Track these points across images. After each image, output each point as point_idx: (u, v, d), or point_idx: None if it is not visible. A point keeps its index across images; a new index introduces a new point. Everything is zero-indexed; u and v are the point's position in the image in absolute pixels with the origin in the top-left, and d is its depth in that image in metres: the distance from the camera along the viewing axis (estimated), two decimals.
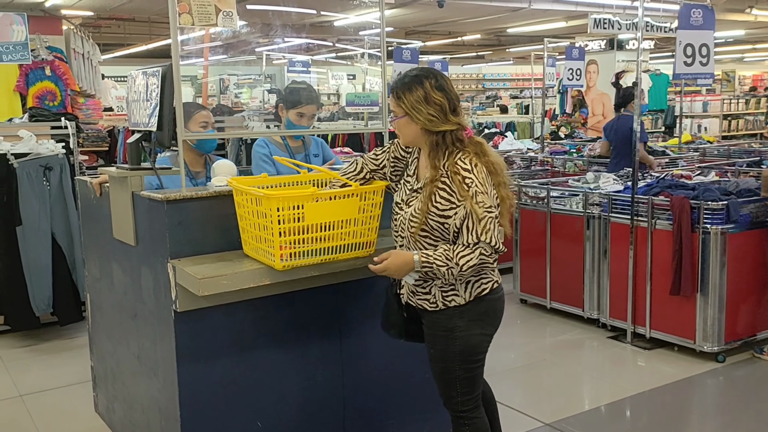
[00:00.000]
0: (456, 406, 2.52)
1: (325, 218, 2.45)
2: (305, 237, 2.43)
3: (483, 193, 2.28)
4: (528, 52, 16.97)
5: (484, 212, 2.27)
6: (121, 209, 2.96)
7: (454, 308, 2.41)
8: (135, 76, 3.02)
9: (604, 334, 4.89)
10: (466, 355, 2.45)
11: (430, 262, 2.28)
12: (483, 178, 2.30)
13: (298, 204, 2.38)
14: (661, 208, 4.50)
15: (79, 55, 8.26)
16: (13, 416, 3.79)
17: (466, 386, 2.49)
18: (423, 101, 2.32)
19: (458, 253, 2.27)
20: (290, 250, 2.42)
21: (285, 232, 2.38)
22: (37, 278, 4.67)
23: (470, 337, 2.43)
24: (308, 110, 3.53)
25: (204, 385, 2.72)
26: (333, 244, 2.51)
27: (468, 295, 2.40)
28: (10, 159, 4.60)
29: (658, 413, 3.82)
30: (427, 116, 2.32)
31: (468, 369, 2.47)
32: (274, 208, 2.34)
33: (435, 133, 2.34)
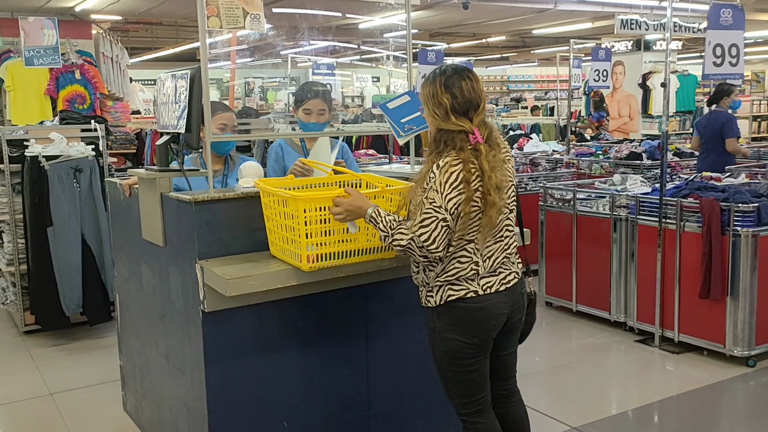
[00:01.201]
0: (456, 408, 2.53)
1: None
2: (331, 239, 2.44)
3: (437, 192, 2.25)
4: (553, 54, 16.86)
5: (429, 208, 2.25)
6: (150, 210, 3.00)
7: (432, 308, 2.44)
8: (164, 78, 3.05)
9: (631, 338, 4.83)
10: (450, 358, 2.44)
11: (377, 221, 2.33)
12: (447, 179, 2.24)
13: (324, 205, 2.40)
14: (690, 210, 4.44)
15: (108, 58, 8.39)
16: (44, 414, 3.85)
17: (460, 389, 2.47)
18: (431, 98, 2.36)
19: (399, 229, 2.30)
20: (317, 251, 2.43)
21: (311, 234, 2.40)
22: (68, 279, 4.75)
23: (448, 341, 2.42)
24: (313, 106, 3.46)
25: (231, 385, 2.74)
26: (359, 246, 2.52)
27: (439, 298, 2.41)
28: (42, 161, 4.68)
29: (687, 418, 3.77)
30: (430, 113, 2.37)
31: (457, 371, 2.45)
32: (300, 209, 2.36)
33: (442, 131, 2.36)
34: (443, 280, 2.38)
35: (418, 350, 3.17)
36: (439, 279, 2.39)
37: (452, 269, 2.36)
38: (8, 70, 7.46)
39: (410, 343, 3.15)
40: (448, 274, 2.37)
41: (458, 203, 2.25)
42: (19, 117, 7.42)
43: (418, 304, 3.10)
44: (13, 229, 4.94)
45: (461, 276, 2.36)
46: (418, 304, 3.10)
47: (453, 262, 2.36)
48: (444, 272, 2.38)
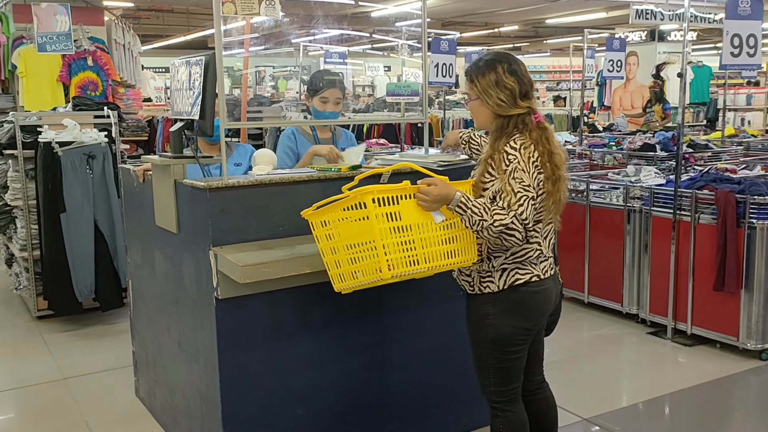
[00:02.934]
0: (489, 395, 2.51)
1: (423, 217, 2.28)
2: (406, 238, 2.22)
3: (523, 171, 2.27)
4: (566, 44, 16.73)
5: (520, 188, 2.26)
6: (164, 197, 3.00)
7: (487, 294, 2.41)
8: (178, 65, 3.05)
9: (643, 330, 4.81)
10: (498, 345, 2.42)
11: (468, 206, 2.26)
12: (528, 159, 2.28)
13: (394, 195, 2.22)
14: (705, 202, 4.40)
15: (120, 45, 8.38)
16: (57, 398, 3.88)
17: (499, 376, 2.47)
18: (494, 85, 2.35)
19: (495, 210, 2.26)
20: (395, 255, 2.20)
21: (384, 232, 2.19)
22: (80, 265, 4.77)
23: (501, 327, 2.41)
24: (331, 95, 3.48)
25: (244, 372, 2.75)
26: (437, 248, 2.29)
27: (502, 283, 2.39)
28: (55, 147, 4.69)
29: (699, 411, 3.75)
30: (496, 100, 2.36)
31: (500, 359, 2.44)
32: (369, 201, 2.18)
33: (504, 117, 2.36)
34: (511, 262, 2.38)
35: (433, 339, 3.17)
36: (506, 262, 2.38)
37: (522, 250, 2.37)
38: (21, 57, 7.47)
39: (425, 333, 3.15)
40: (517, 255, 2.37)
41: (540, 182, 2.30)
42: (32, 103, 7.43)
43: (433, 293, 3.11)
44: (27, 214, 4.96)
45: (530, 257, 2.38)
46: (433, 294, 3.11)
47: (522, 244, 2.36)
48: (513, 254, 2.38)
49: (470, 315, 2.48)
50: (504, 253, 2.38)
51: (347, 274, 2.36)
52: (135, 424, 3.54)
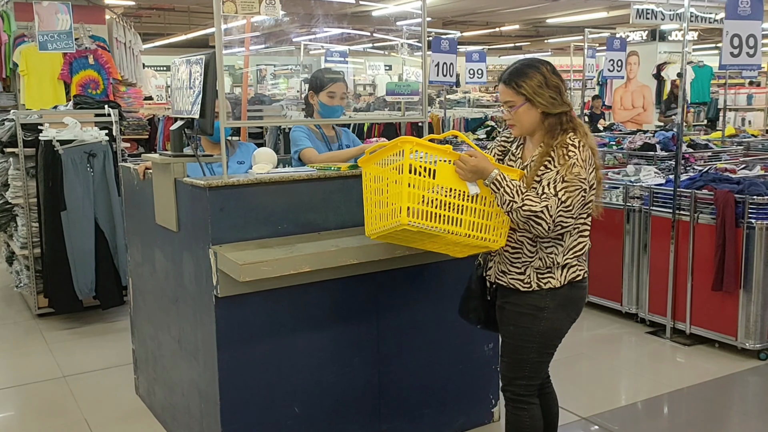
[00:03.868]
0: (517, 389, 2.54)
1: (457, 184, 2.33)
2: (433, 195, 2.30)
3: (581, 167, 2.32)
4: (567, 43, 16.71)
5: (575, 179, 2.30)
6: (164, 195, 3.01)
7: (548, 290, 2.44)
8: (178, 64, 3.06)
9: (642, 330, 4.82)
10: (546, 338, 2.48)
11: (502, 184, 2.31)
12: (586, 156, 2.35)
13: (434, 156, 2.30)
14: (704, 202, 4.41)
15: (121, 44, 8.39)
16: (57, 396, 3.89)
17: (533, 371, 2.52)
18: (544, 85, 2.39)
19: (528, 196, 2.31)
20: (417, 205, 2.26)
21: (414, 185, 2.25)
22: (81, 263, 4.78)
23: (556, 320, 2.46)
24: (338, 89, 3.53)
25: (243, 370, 2.76)
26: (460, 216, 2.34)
27: (563, 279, 2.43)
28: (56, 145, 4.70)
29: (697, 410, 3.76)
30: (548, 99, 2.39)
31: (542, 353, 2.51)
32: (407, 150, 2.25)
33: (553, 116, 2.40)
34: (572, 256, 2.43)
35: (430, 338, 3.18)
36: (568, 257, 2.42)
37: (578, 244, 2.44)
38: (22, 55, 7.48)
39: (422, 332, 3.16)
40: (575, 250, 2.43)
41: (593, 178, 2.37)
42: (33, 101, 7.44)
43: (430, 292, 3.12)
44: (27, 212, 4.97)
45: (584, 251, 2.45)
46: (430, 293, 3.12)
47: (578, 237, 2.43)
48: (571, 249, 2.43)
49: (522, 308, 2.48)
50: (561, 246, 2.41)
51: (373, 217, 2.43)
52: (135, 422, 3.55)
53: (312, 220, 2.85)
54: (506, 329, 2.56)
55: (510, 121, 2.47)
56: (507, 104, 2.44)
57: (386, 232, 2.38)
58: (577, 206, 2.33)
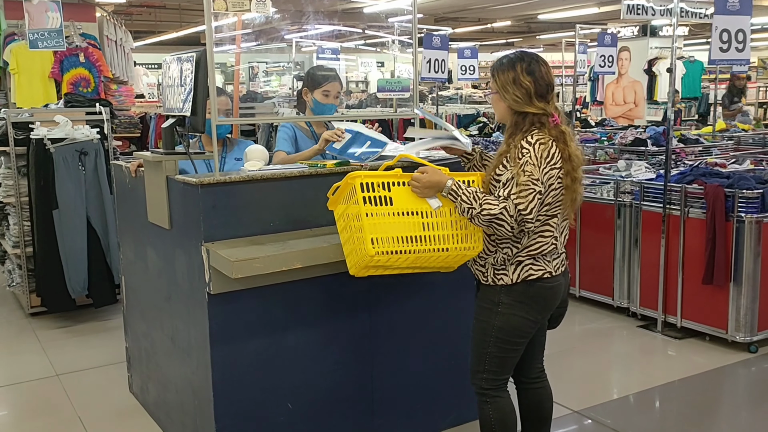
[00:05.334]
0: (480, 382, 2.56)
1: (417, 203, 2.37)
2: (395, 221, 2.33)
3: (533, 165, 2.32)
4: (558, 39, 16.74)
5: (527, 180, 2.31)
6: (156, 193, 3.02)
7: (501, 286, 2.47)
8: (169, 62, 3.05)
9: (633, 323, 4.85)
10: (504, 333, 2.49)
11: (458, 193, 2.35)
12: (541, 154, 2.34)
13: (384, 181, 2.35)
14: (694, 197, 4.44)
15: (112, 42, 8.35)
16: (50, 395, 3.89)
17: (494, 365, 2.53)
18: (512, 82, 2.42)
19: (486, 200, 2.33)
20: (380, 234, 2.30)
21: (371, 214, 2.31)
22: (73, 261, 4.77)
23: (511, 317, 2.47)
24: (332, 88, 3.53)
25: (236, 367, 2.77)
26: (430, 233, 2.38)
27: (516, 277, 2.45)
28: (47, 144, 4.69)
29: (688, 403, 3.79)
30: (513, 96, 2.42)
31: (501, 348, 2.51)
32: (357, 186, 2.31)
33: (518, 113, 2.43)
34: (525, 255, 2.43)
35: (422, 334, 3.20)
36: (520, 255, 2.43)
37: (536, 244, 2.43)
38: (13, 53, 7.45)
39: (414, 327, 3.17)
40: (530, 248, 2.43)
41: (551, 177, 2.35)
42: (24, 100, 7.41)
43: (421, 288, 3.13)
44: (19, 211, 4.96)
45: (543, 251, 2.43)
46: (422, 289, 3.14)
47: (536, 237, 2.43)
48: (527, 248, 2.43)
49: (481, 302, 2.54)
50: (516, 245, 2.43)
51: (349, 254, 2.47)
52: (128, 420, 3.56)
53: (303, 216, 2.86)
54: (473, 322, 2.61)
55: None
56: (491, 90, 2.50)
57: (363, 266, 2.41)
58: (535, 209, 2.32)
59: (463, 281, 2.98)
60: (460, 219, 2.41)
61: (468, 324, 3.28)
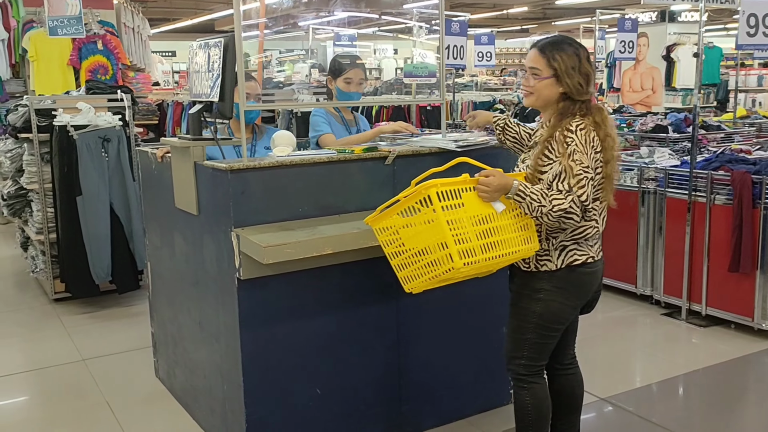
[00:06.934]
0: (517, 368, 2.55)
1: (483, 208, 2.31)
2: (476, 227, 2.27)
3: (581, 153, 2.30)
4: (574, 26, 16.58)
5: (580, 169, 2.30)
6: (183, 179, 3.02)
7: (544, 272, 2.45)
8: (196, 47, 3.05)
9: (657, 311, 4.83)
10: (544, 319, 2.48)
11: (526, 193, 2.31)
12: (586, 141, 2.32)
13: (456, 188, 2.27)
14: (720, 183, 4.39)
15: (129, 29, 8.37)
16: (78, 379, 3.92)
17: (533, 351, 2.52)
18: (577, 69, 2.38)
19: (552, 195, 2.31)
20: (464, 246, 2.23)
21: (452, 222, 2.23)
22: (97, 247, 4.80)
23: (552, 303, 2.46)
24: (354, 75, 3.55)
25: (266, 352, 2.78)
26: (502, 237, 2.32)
27: (560, 262, 2.43)
28: (70, 131, 4.71)
29: (713, 391, 3.77)
30: (576, 83, 2.38)
31: (540, 334, 2.50)
32: (434, 195, 2.21)
33: (570, 100, 2.39)
34: (570, 240, 2.42)
35: (449, 320, 3.19)
36: (565, 241, 2.42)
37: (578, 228, 2.42)
38: (31, 41, 7.47)
39: (440, 314, 3.17)
40: (575, 233, 2.42)
41: (596, 161, 2.34)
42: (43, 87, 7.44)
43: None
44: (42, 198, 4.99)
45: (586, 236, 2.42)
46: None
47: (582, 221, 2.41)
48: (572, 232, 2.42)
49: (521, 288, 2.52)
50: (563, 232, 2.42)
51: (417, 271, 2.37)
52: (155, 404, 3.58)
53: (332, 202, 2.85)
54: (510, 309, 2.60)
55: (528, 89, 2.45)
56: (532, 71, 2.42)
57: (436, 283, 2.35)
58: (591, 196, 2.34)
59: None
60: (519, 220, 2.36)
61: (495, 311, 3.29)
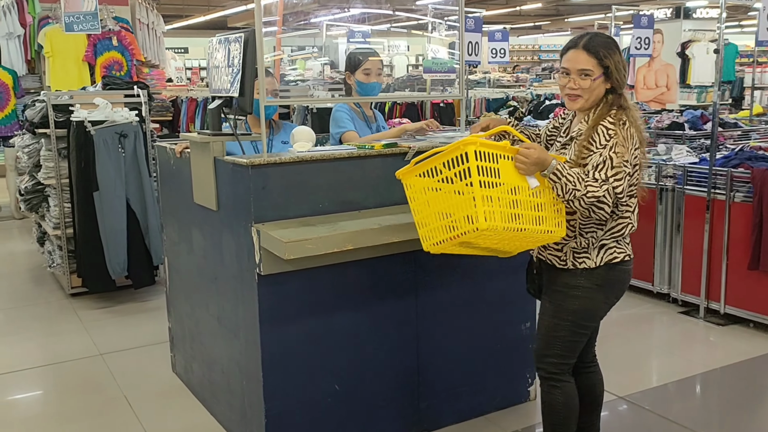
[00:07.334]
0: (547, 366, 2.52)
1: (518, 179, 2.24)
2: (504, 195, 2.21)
3: (622, 146, 2.28)
4: (587, 23, 16.52)
5: (620, 162, 2.27)
6: (203, 174, 3.02)
7: (582, 270, 2.42)
8: (215, 42, 3.05)
9: (674, 310, 4.79)
10: (578, 317, 2.45)
11: (563, 174, 2.25)
12: (628, 135, 2.31)
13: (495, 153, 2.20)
14: (740, 181, 4.35)
15: (143, 25, 8.39)
16: (95, 373, 3.94)
17: (564, 349, 2.50)
18: (621, 63, 2.37)
19: (588, 182, 2.26)
20: (493, 207, 2.15)
21: (486, 184, 2.16)
22: (113, 242, 4.81)
23: (589, 300, 2.44)
24: (372, 65, 3.53)
25: (285, 348, 2.77)
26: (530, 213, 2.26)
27: (599, 260, 2.41)
28: (88, 126, 4.72)
29: (731, 391, 3.73)
30: (622, 78, 2.38)
31: (574, 332, 2.48)
32: (471, 153, 2.14)
33: (614, 94, 2.38)
34: (609, 238, 2.40)
35: (468, 317, 3.19)
36: (605, 238, 2.40)
37: (618, 226, 2.40)
38: (47, 37, 7.51)
39: (460, 310, 3.16)
40: (614, 231, 2.40)
41: (636, 158, 2.32)
42: (58, 83, 7.49)
43: (468, 271, 3.11)
44: (59, 193, 5.01)
45: (624, 232, 2.41)
46: (468, 272, 3.12)
47: (619, 219, 2.39)
48: (610, 230, 2.40)
49: (555, 285, 2.49)
50: (600, 228, 2.39)
51: (439, 228, 2.30)
52: (173, 399, 3.59)
53: (352, 198, 2.84)
54: (543, 306, 2.56)
55: (575, 92, 2.37)
56: (583, 72, 2.34)
57: (456, 243, 2.28)
58: (626, 190, 2.31)
59: (509, 265, 2.96)
60: (553, 202, 2.32)
61: (514, 307, 3.28)
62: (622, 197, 2.30)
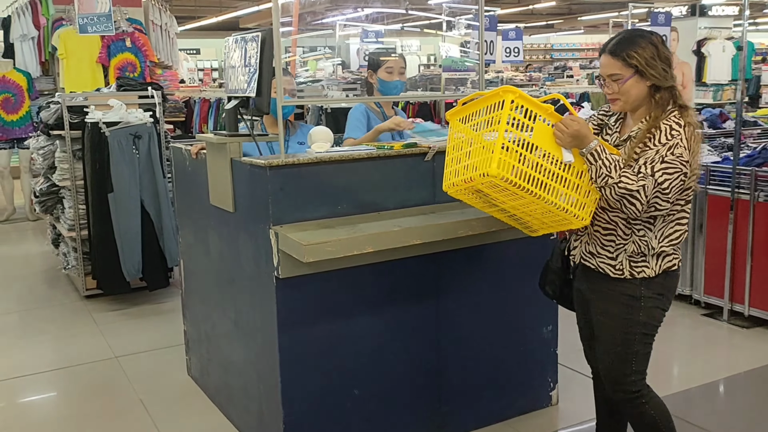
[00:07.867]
0: (630, 386, 2.41)
1: (551, 148, 2.16)
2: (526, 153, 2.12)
3: (684, 148, 2.18)
4: (599, 21, 16.39)
5: (676, 160, 2.17)
6: (220, 176, 2.98)
7: (641, 279, 2.32)
8: (231, 42, 3.01)
9: (697, 312, 4.70)
10: (648, 328, 2.37)
11: (601, 156, 2.17)
12: (691, 137, 2.21)
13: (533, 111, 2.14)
14: (765, 180, 4.26)
15: (157, 26, 8.38)
16: (111, 376, 3.91)
17: (641, 363, 2.41)
18: (656, 57, 2.25)
19: (624, 172, 2.18)
20: (510, 160, 2.09)
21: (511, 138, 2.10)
22: (128, 244, 4.79)
23: (654, 310, 2.35)
24: (395, 63, 3.52)
25: (303, 351, 2.73)
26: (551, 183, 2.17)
27: (658, 268, 2.32)
28: (102, 128, 4.70)
29: (756, 395, 3.65)
30: (661, 72, 2.25)
31: (646, 344, 2.40)
32: (508, 101, 2.10)
33: (664, 89, 2.27)
34: (668, 244, 2.32)
35: (489, 321, 3.13)
36: (663, 246, 2.31)
37: (676, 233, 2.32)
38: (61, 38, 7.51)
39: (480, 314, 3.10)
40: (671, 238, 2.31)
41: (695, 163, 2.24)
42: (72, 84, 7.48)
43: (489, 275, 3.05)
44: (74, 195, 4.99)
45: (680, 240, 2.33)
46: (489, 276, 3.06)
47: (675, 225, 2.31)
48: (668, 236, 2.31)
49: (614, 297, 2.37)
50: (656, 234, 2.29)
51: (455, 170, 2.27)
52: (189, 402, 3.56)
53: (372, 199, 2.79)
54: (597, 320, 2.44)
55: (613, 96, 2.31)
56: (612, 77, 2.27)
57: (467, 186, 2.22)
58: (675, 190, 2.18)
59: (531, 268, 2.90)
60: (588, 187, 2.23)
61: (536, 311, 3.21)
62: (668, 194, 2.17)
